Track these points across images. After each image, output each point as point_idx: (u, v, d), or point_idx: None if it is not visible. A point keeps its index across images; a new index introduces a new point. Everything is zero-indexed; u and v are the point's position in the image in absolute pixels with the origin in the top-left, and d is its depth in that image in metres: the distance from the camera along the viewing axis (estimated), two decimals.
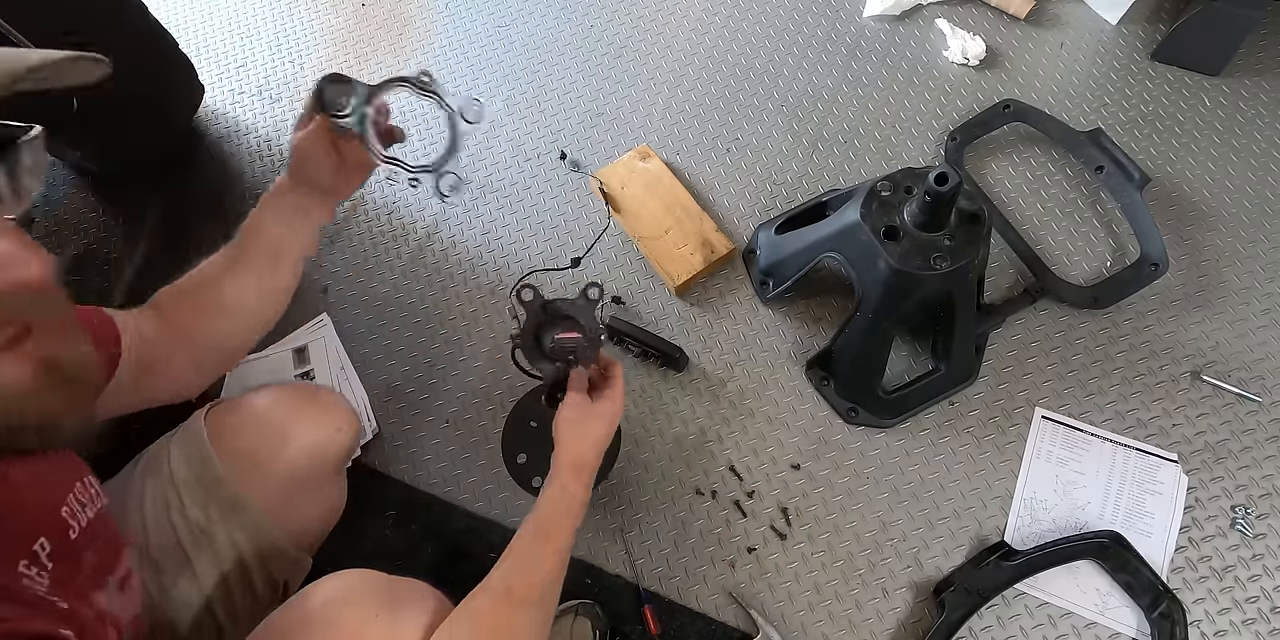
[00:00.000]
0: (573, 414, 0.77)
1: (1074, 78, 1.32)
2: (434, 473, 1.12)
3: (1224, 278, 1.14)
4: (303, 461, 0.81)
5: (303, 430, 0.81)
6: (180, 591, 0.72)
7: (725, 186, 1.29)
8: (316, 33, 1.55)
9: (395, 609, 0.61)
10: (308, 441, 0.81)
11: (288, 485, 0.80)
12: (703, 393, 1.13)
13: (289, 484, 0.80)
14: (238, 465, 0.76)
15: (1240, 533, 0.98)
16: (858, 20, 1.42)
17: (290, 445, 0.80)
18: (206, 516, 0.74)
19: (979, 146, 1.28)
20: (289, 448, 0.80)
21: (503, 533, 1.06)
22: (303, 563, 0.82)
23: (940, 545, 1.01)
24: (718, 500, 1.06)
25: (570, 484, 0.74)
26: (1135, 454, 1.04)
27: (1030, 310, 1.13)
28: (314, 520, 0.88)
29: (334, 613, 0.59)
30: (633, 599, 1.01)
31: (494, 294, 1.24)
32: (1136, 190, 1.13)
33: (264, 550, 0.76)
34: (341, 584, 0.63)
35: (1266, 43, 1.31)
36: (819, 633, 0.97)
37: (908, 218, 0.93)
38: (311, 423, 0.82)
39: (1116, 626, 0.94)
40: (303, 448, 0.81)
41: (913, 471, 1.06)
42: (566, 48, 1.46)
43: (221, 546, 0.74)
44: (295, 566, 0.81)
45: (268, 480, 0.78)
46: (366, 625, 0.59)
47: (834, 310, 1.17)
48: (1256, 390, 1.06)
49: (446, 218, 1.31)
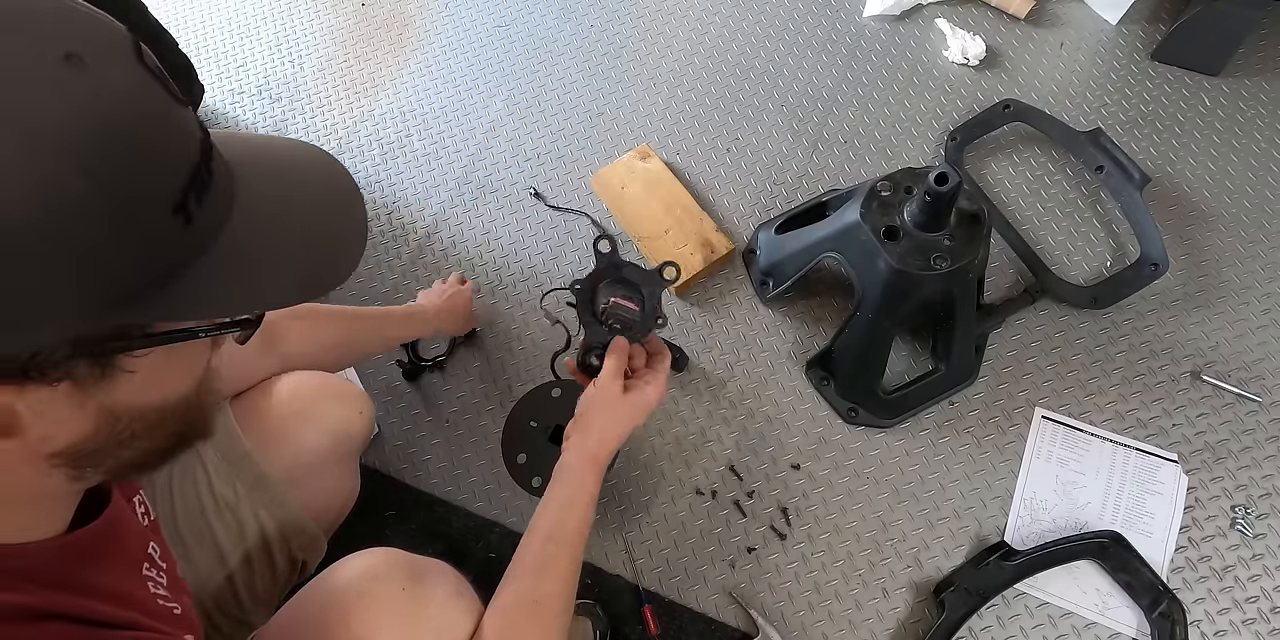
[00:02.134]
0: (608, 397, 0.75)
1: (1074, 78, 1.32)
2: (434, 473, 1.12)
3: (1224, 278, 1.14)
4: (326, 442, 0.83)
5: (326, 412, 0.83)
6: (203, 566, 0.73)
7: (725, 186, 1.29)
8: (316, 32, 1.55)
9: (420, 582, 0.63)
10: (331, 422, 0.83)
11: (310, 465, 0.82)
12: (703, 393, 1.13)
13: (312, 463, 0.82)
14: (263, 444, 0.77)
15: (1240, 533, 0.98)
16: (858, 20, 1.42)
17: (314, 425, 0.81)
18: (233, 492, 0.74)
19: (979, 146, 1.28)
20: (313, 428, 0.81)
21: (503, 533, 1.06)
22: (320, 542, 0.83)
23: (940, 545, 1.01)
24: (718, 500, 1.06)
25: (588, 479, 0.73)
26: (1135, 454, 1.04)
27: (1030, 310, 1.13)
28: (333, 502, 0.90)
29: (363, 586, 0.61)
30: (633, 599, 1.01)
31: (494, 294, 1.24)
32: (1136, 190, 1.13)
33: (286, 527, 0.77)
34: (367, 561, 0.65)
35: (1266, 43, 1.31)
36: (819, 633, 0.97)
37: (908, 218, 0.93)
38: (334, 405, 0.84)
39: (1116, 626, 0.94)
40: (326, 428, 0.82)
41: (913, 471, 1.06)
42: (566, 48, 1.46)
43: (246, 522, 0.75)
44: (314, 545, 0.82)
45: (292, 460, 0.79)
46: (395, 597, 0.61)
47: (834, 310, 1.17)
48: (1256, 390, 1.06)
49: (446, 218, 1.31)
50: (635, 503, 1.07)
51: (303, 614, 0.63)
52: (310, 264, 0.42)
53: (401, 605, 0.61)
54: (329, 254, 0.43)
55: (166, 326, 0.37)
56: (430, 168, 1.36)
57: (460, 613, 0.64)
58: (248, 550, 0.75)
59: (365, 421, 0.87)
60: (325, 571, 0.65)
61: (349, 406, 0.85)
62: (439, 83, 1.45)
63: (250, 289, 0.39)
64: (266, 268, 0.39)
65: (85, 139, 0.30)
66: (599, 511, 1.05)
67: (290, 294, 0.40)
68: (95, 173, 0.30)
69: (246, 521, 0.75)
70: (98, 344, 0.34)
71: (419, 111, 1.42)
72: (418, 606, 0.62)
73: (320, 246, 0.42)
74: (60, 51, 0.30)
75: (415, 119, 1.41)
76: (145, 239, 0.33)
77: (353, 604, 0.60)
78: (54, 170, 0.29)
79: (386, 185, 1.36)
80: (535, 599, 0.67)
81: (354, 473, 0.94)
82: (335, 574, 0.64)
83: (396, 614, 0.61)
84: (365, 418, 0.87)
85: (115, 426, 0.39)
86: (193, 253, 0.36)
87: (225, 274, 0.37)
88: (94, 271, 0.32)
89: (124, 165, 0.32)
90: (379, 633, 0.59)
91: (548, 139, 1.37)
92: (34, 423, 0.35)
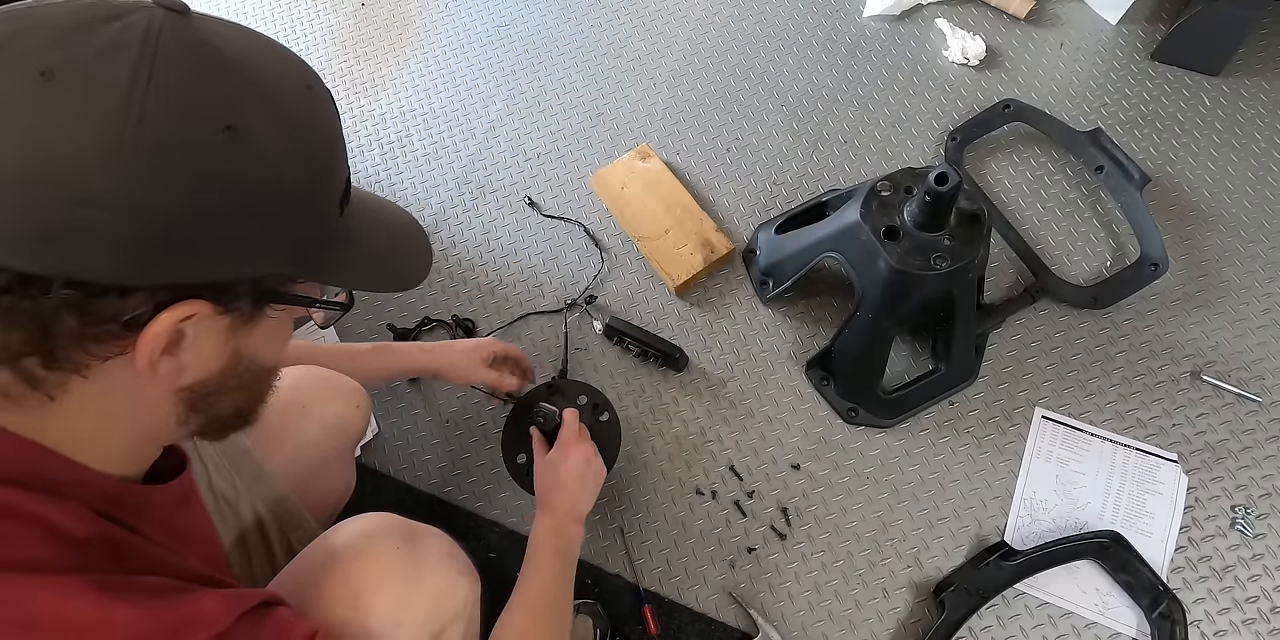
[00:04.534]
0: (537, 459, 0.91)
1: (1074, 78, 1.32)
2: (434, 473, 1.12)
3: (1224, 278, 1.14)
4: (323, 436, 0.84)
5: (324, 405, 0.84)
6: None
7: (725, 186, 1.29)
8: (316, 33, 1.55)
9: (415, 541, 0.65)
10: (329, 416, 0.84)
11: (308, 458, 0.83)
12: (703, 393, 1.13)
13: (309, 457, 0.83)
14: (261, 438, 0.78)
15: (1240, 533, 0.98)
16: (858, 20, 1.42)
17: (311, 420, 0.83)
18: (233, 488, 0.75)
19: (979, 146, 1.28)
20: (310, 422, 0.83)
21: (503, 532, 1.06)
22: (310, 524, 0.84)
23: (940, 545, 1.01)
24: (718, 500, 1.06)
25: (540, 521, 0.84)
26: (1135, 454, 1.04)
27: (1030, 310, 1.13)
28: (329, 495, 0.90)
29: (360, 544, 0.63)
30: (633, 599, 1.01)
31: (494, 294, 1.24)
32: (1136, 190, 1.13)
33: (284, 521, 0.78)
34: (363, 523, 0.66)
35: (1266, 43, 1.31)
36: (819, 633, 0.97)
37: (908, 218, 0.93)
38: (331, 399, 0.85)
39: (1116, 626, 0.94)
40: (323, 422, 0.83)
41: (913, 471, 1.06)
42: (566, 48, 1.46)
43: (245, 516, 0.75)
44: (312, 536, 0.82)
45: (289, 454, 0.80)
46: (390, 555, 0.63)
47: (834, 310, 1.17)
48: (1256, 390, 1.06)
49: (446, 218, 1.31)
50: (635, 503, 1.07)
51: (301, 575, 0.64)
52: (399, 261, 0.54)
53: (397, 564, 0.62)
54: (410, 257, 0.56)
55: (301, 291, 0.47)
56: (430, 168, 1.36)
57: (455, 573, 0.65)
58: (246, 543, 0.75)
59: (362, 415, 0.88)
60: (322, 534, 0.67)
61: (346, 401, 0.86)
62: (439, 83, 1.45)
63: (363, 275, 0.51)
64: (375, 261, 0.52)
65: (317, 135, 0.44)
66: (600, 511, 1.06)
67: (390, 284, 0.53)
68: (320, 159, 0.44)
69: (245, 516, 0.75)
70: (267, 289, 0.45)
71: (419, 111, 1.42)
72: (413, 566, 0.63)
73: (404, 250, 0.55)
74: (304, 82, 0.44)
75: (415, 119, 1.41)
76: (324, 218, 0.46)
77: (350, 562, 0.61)
78: (305, 151, 0.43)
79: (386, 185, 1.36)
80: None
81: (350, 466, 0.95)
82: (332, 535, 0.66)
83: (393, 573, 0.62)
84: (362, 412, 0.88)
85: (234, 370, 0.47)
86: (337, 237, 0.47)
87: (352, 258, 0.49)
88: (305, 229, 0.44)
89: (332, 159, 0.46)
90: (376, 591, 0.60)
91: (547, 139, 1.37)
92: (188, 348, 0.42)
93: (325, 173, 0.45)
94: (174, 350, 0.42)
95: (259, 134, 0.40)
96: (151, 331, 0.39)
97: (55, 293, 0.37)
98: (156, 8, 0.39)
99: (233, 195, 0.39)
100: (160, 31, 0.38)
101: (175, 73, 0.38)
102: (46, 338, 0.38)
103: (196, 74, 0.39)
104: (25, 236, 0.36)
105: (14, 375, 0.40)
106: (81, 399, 0.42)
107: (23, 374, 0.40)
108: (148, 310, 0.39)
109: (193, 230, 0.39)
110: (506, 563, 1.03)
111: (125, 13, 0.38)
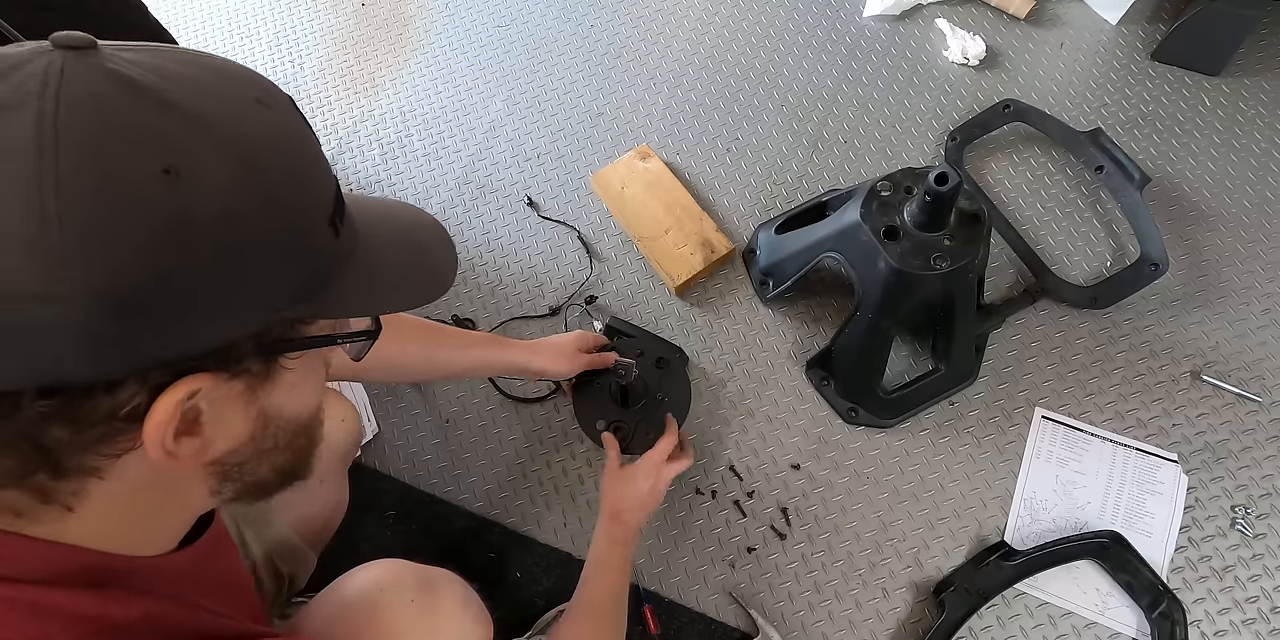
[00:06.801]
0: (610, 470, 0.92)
1: (1074, 78, 1.32)
2: (434, 473, 1.12)
3: (1224, 278, 1.14)
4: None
5: None
6: None
7: (725, 186, 1.29)
8: (316, 32, 1.55)
9: (430, 592, 0.64)
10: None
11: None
12: (703, 393, 1.13)
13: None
14: None
15: (1240, 533, 0.98)
16: (858, 20, 1.42)
17: None
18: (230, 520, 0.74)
19: (979, 146, 1.28)
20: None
21: (503, 532, 1.06)
22: (308, 557, 0.83)
23: (940, 545, 1.01)
24: (718, 500, 1.06)
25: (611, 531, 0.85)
26: (1135, 454, 1.04)
27: (1030, 310, 1.13)
28: (318, 516, 0.89)
29: (373, 597, 0.62)
30: (633, 599, 1.01)
31: (494, 294, 1.24)
32: (1136, 190, 1.13)
33: (274, 548, 0.77)
34: (375, 572, 0.65)
35: (1266, 43, 1.31)
36: (819, 633, 0.97)
37: (908, 218, 0.93)
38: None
39: (1116, 626, 0.94)
40: None
41: (913, 471, 1.06)
42: (566, 48, 1.46)
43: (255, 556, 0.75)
44: (302, 560, 0.82)
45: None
46: (405, 608, 0.61)
47: (834, 310, 1.17)
48: (1256, 390, 1.06)
49: (446, 218, 1.31)
50: None
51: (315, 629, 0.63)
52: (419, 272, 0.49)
53: (412, 617, 0.61)
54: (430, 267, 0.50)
55: (315, 331, 0.42)
56: (430, 168, 1.36)
57: (471, 621, 0.65)
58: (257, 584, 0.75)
59: (348, 428, 0.85)
60: (332, 584, 0.65)
61: (331, 416, 0.82)
62: (439, 83, 1.45)
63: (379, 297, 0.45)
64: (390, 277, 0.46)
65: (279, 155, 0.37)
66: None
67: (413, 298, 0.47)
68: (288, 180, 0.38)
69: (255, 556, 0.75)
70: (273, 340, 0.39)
71: (419, 111, 1.42)
72: (429, 619, 0.62)
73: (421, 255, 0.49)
74: (251, 96, 0.38)
75: (415, 119, 1.41)
76: (314, 244, 0.39)
77: (364, 621, 0.60)
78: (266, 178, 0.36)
79: (386, 185, 1.36)
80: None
81: (342, 485, 0.92)
82: (342, 588, 0.64)
83: (408, 627, 0.61)
84: (348, 425, 0.85)
85: (265, 432, 0.43)
86: (338, 261, 0.41)
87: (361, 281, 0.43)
88: (294, 262, 0.38)
89: (303, 177, 0.39)
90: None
91: (548, 139, 1.37)
92: (209, 423, 0.38)
93: (299, 192, 0.38)
94: (193, 429, 0.38)
95: (205, 168, 0.33)
96: (154, 420, 0.35)
97: (29, 406, 0.33)
98: (55, 50, 0.33)
99: (193, 248, 0.33)
100: (61, 76, 0.32)
101: (85, 122, 0.31)
102: (43, 454, 0.35)
103: (112, 116, 0.32)
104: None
105: (23, 493, 0.37)
106: (103, 499, 0.39)
107: (32, 490, 0.37)
108: (144, 399, 0.35)
109: (158, 300, 0.33)
110: (507, 563, 1.03)
111: (19, 64, 0.32)
